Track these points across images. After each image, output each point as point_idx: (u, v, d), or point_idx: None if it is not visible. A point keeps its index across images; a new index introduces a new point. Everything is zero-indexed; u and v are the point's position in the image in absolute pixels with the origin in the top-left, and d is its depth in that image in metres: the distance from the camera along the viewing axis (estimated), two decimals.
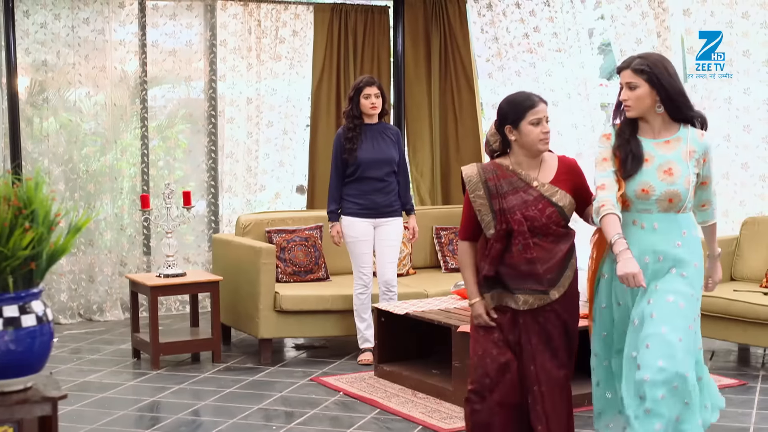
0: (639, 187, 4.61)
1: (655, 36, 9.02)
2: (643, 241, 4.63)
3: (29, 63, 9.31)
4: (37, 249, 3.59)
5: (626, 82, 4.64)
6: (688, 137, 4.69)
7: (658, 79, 4.60)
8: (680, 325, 4.50)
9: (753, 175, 8.72)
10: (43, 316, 3.61)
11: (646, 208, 4.63)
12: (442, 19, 10.38)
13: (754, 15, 8.56)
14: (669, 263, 4.61)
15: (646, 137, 4.70)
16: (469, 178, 4.82)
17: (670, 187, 4.59)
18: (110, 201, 9.66)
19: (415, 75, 10.48)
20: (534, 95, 4.79)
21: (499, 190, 4.76)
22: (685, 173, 4.62)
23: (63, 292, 9.44)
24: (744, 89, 8.68)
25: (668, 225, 4.63)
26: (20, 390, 3.66)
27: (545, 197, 4.74)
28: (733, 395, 6.72)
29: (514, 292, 4.74)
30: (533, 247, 4.71)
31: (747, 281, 7.91)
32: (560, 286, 4.77)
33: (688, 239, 4.66)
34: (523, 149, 4.77)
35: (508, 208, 4.74)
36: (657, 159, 4.64)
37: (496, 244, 4.73)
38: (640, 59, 4.66)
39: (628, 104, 4.64)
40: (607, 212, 4.52)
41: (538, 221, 4.72)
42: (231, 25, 9.89)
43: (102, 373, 7.53)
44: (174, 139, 10.08)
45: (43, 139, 9.40)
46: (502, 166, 4.82)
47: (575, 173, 4.87)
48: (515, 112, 4.73)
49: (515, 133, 4.74)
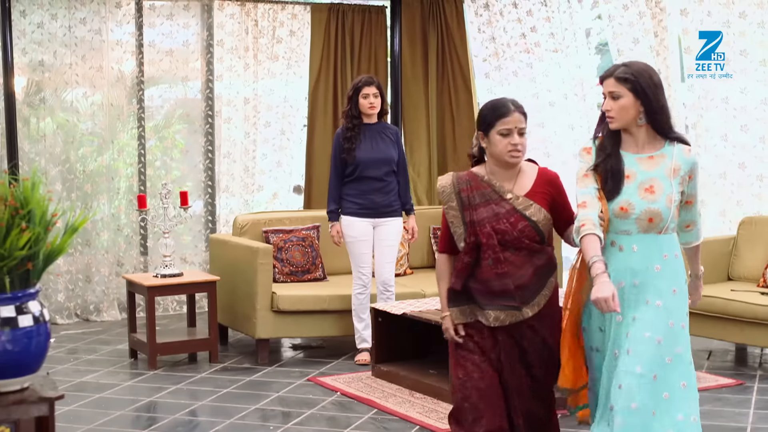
0: (618, 205, 4.29)
1: (653, 36, 9.03)
2: (620, 264, 4.31)
3: (26, 63, 9.30)
4: (34, 249, 3.59)
5: (609, 91, 4.34)
6: (674, 153, 4.36)
7: (643, 89, 4.30)
8: (656, 362, 4.20)
9: (750, 174, 8.73)
10: (39, 317, 3.60)
11: (625, 228, 4.31)
12: (439, 19, 10.38)
13: (751, 15, 8.57)
14: (645, 291, 4.29)
15: (629, 151, 4.38)
16: (443, 188, 4.61)
17: (650, 206, 4.27)
18: (107, 201, 9.65)
19: (412, 75, 10.47)
20: (511, 103, 4.49)
21: (471, 202, 4.53)
22: (667, 191, 4.29)
23: (60, 292, 9.43)
24: (741, 89, 8.69)
25: (648, 247, 4.31)
26: (17, 390, 3.65)
27: (518, 211, 4.48)
28: (730, 395, 6.72)
29: (484, 307, 4.49)
30: (504, 262, 4.45)
31: (744, 281, 7.91)
32: (534, 305, 4.49)
33: (669, 263, 4.33)
34: (494, 159, 4.51)
35: (478, 221, 4.50)
36: (639, 175, 4.32)
37: (465, 257, 4.51)
38: (624, 67, 4.36)
39: (611, 115, 4.34)
40: (587, 232, 4.23)
41: (510, 235, 4.46)
42: (228, 25, 9.89)
43: (99, 374, 7.53)
44: (171, 139, 10.08)
45: (39, 139, 9.39)
46: (477, 176, 4.57)
47: (554, 188, 4.57)
48: (486, 118, 4.49)
49: (486, 141, 4.51)
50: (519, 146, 4.44)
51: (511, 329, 4.50)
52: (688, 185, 4.38)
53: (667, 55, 9.00)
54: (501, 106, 4.47)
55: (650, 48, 9.02)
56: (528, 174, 4.57)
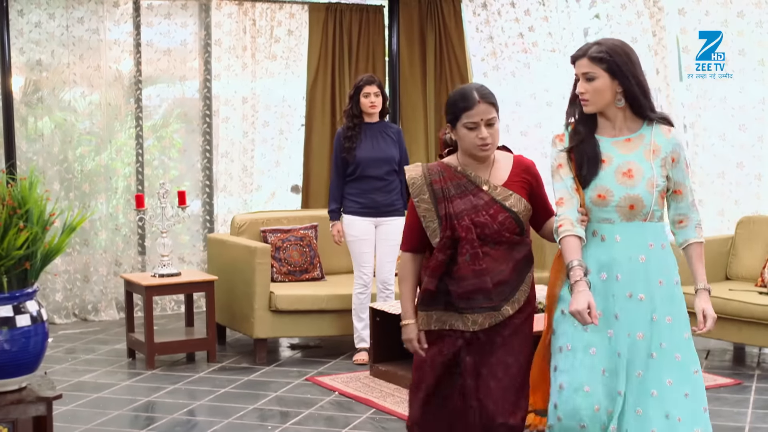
0: (595, 192, 4.00)
1: (651, 35, 9.02)
2: (601, 255, 4.02)
3: (23, 62, 9.30)
4: (32, 249, 3.59)
5: (583, 72, 4.02)
6: (652, 133, 4.06)
7: (620, 68, 4.00)
8: (640, 359, 4.02)
9: (748, 174, 8.73)
10: (37, 316, 3.60)
11: (606, 217, 4.01)
12: (437, 19, 10.38)
13: (749, 14, 8.57)
14: (628, 283, 4.01)
15: (605, 135, 4.08)
16: (413, 180, 4.28)
17: (630, 191, 3.97)
18: (105, 201, 9.64)
19: (410, 74, 10.47)
20: (477, 92, 4.18)
21: (446, 194, 4.22)
22: (647, 174, 3.98)
23: (58, 291, 9.42)
24: (739, 88, 8.69)
25: (632, 236, 4.01)
26: (15, 390, 3.65)
27: (497, 201, 4.19)
28: (728, 394, 6.72)
29: (461, 311, 4.18)
30: (483, 258, 4.15)
31: (742, 280, 7.91)
32: (515, 301, 4.21)
33: (655, 253, 4.04)
34: (463, 150, 4.24)
35: (455, 213, 4.19)
36: (615, 159, 4.02)
37: (439, 255, 4.18)
38: (597, 46, 4.04)
39: (585, 98, 4.03)
40: (566, 234, 3.98)
41: (489, 228, 4.17)
42: (226, 24, 9.88)
43: (97, 373, 7.52)
44: (169, 139, 10.07)
45: (37, 139, 9.38)
46: (449, 166, 4.28)
47: (532, 176, 4.29)
48: (452, 111, 4.21)
49: (454, 133, 4.24)
50: (488, 139, 4.14)
51: (491, 334, 4.22)
52: (673, 170, 4.06)
53: (665, 55, 9.00)
54: (465, 98, 4.16)
55: (648, 47, 9.01)
56: (503, 163, 4.31)
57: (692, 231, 4.15)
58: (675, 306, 4.07)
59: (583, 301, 3.82)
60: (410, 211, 4.31)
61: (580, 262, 3.92)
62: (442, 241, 4.19)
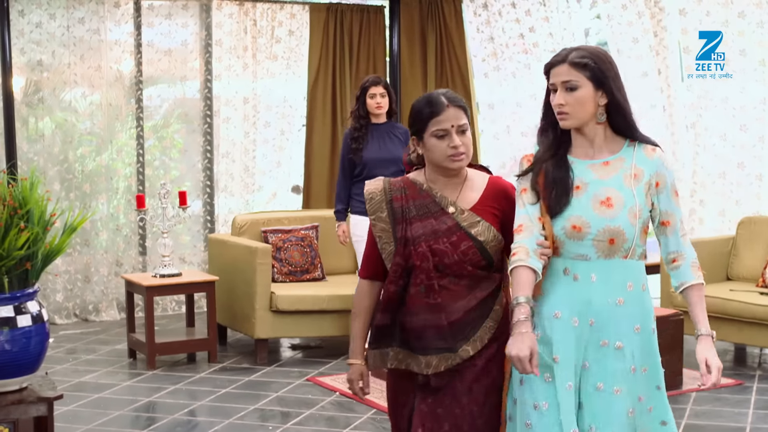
0: (569, 223, 3.42)
1: (652, 35, 9.02)
2: (574, 298, 3.44)
3: (24, 63, 9.30)
4: (33, 249, 3.58)
5: (562, 81, 3.43)
6: (634, 155, 3.47)
7: (605, 76, 3.43)
8: (616, 418, 3.44)
9: (749, 174, 8.73)
10: (38, 317, 3.60)
11: (580, 252, 3.43)
12: (437, 19, 10.38)
13: (750, 14, 8.57)
14: (603, 330, 3.43)
15: (580, 157, 3.51)
16: (371, 195, 3.77)
17: (609, 223, 3.39)
18: (106, 201, 9.64)
19: (411, 75, 10.48)
20: (444, 97, 3.66)
21: (405, 214, 3.70)
22: (628, 203, 3.41)
23: (58, 292, 9.42)
24: (740, 89, 8.69)
25: (610, 276, 3.43)
26: (16, 390, 3.65)
27: (462, 228, 3.65)
28: (729, 395, 6.72)
29: (416, 351, 3.66)
30: (439, 291, 3.61)
31: (743, 281, 7.91)
32: (476, 340, 3.63)
33: (634, 296, 3.46)
34: (434, 165, 3.70)
35: (412, 238, 3.66)
36: (591, 186, 3.44)
37: (390, 286, 3.66)
38: (578, 51, 3.47)
39: (565, 110, 3.43)
40: (518, 264, 3.41)
41: (449, 258, 3.63)
42: (226, 24, 9.89)
43: (98, 374, 7.52)
44: (169, 139, 10.07)
45: (38, 139, 9.38)
46: (414, 183, 3.75)
47: (508, 202, 3.68)
48: (417, 119, 3.68)
49: (421, 146, 3.70)
50: (461, 148, 3.63)
51: (450, 376, 3.66)
52: (658, 197, 3.47)
53: (666, 55, 9.00)
54: (432, 103, 3.65)
55: (650, 48, 9.01)
56: (476, 183, 3.77)
57: (689, 271, 3.51)
58: (651, 356, 3.51)
59: (524, 346, 3.27)
60: (369, 231, 3.81)
61: (527, 298, 3.36)
62: (395, 269, 3.67)
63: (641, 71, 9.06)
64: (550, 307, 3.48)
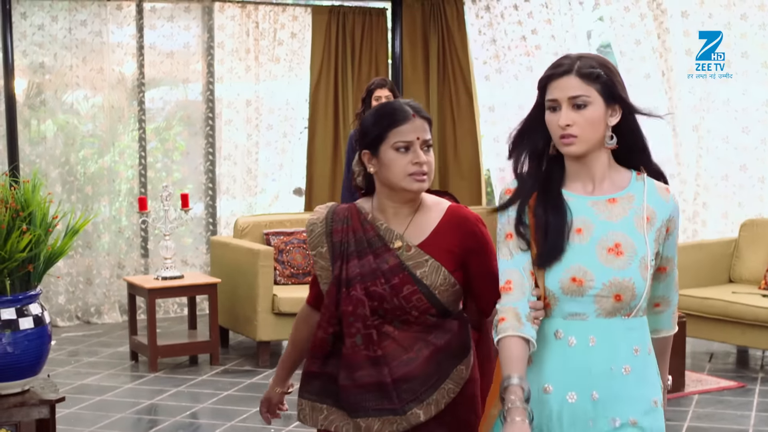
0: (567, 275, 2.76)
1: (655, 37, 9.01)
2: (569, 367, 2.78)
3: (26, 65, 9.30)
4: (35, 251, 3.58)
5: (570, 96, 2.79)
6: (645, 192, 2.84)
7: (617, 90, 2.82)
8: None
9: (752, 176, 8.72)
10: (40, 319, 3.60)
11: (577, 311, 2.77)
12: (440, 21, 10.37)
13: (752, 17, 8.56)
14: (610, 406, 2.76)
15: (578, 192, 2.85)
16: (311, 227, 3.21)
17: (618, 275, 2.75)
18: (108, 203, 9.64)
19: (413, 77, 10.47)
20: (408, 106, 3.11)
21: (344, 249, 3.12)
22: (640, 252, 2.77)
23: (60, 294, 9.42)
24: (743, 91, 8.68)
25: (612, 338, 2.78)
26: (18, 393, 3.65)
27: (405, 268, 3.06)
28: (731, 397, 6.71)
29: (353, 413, 3.07)
30: (379, 341, 3.05)
31: (746, 283, 7.90)
32: (430, 404, 3.04)
33: (641, 361, 2.82)
34: (386, 188, 3.11)
35: (346, 279, 3.09)
36: (597, 229, 2.80)
37: (319, 331, 3.13)
38: (585, 60, 2.85)
39: (573, 133, 2.77)
40: (508, 333, 2.72)
41: (389, 303, 3.05)
42: (229, 27, 9.89)
43: (100, 376, 7.52)
44: (172, 142, 10.07)
45: (40, 142, 9.39)
46: (360, 212, 3.16)
47: (471, 238, 3.09)
48: (373, 129, 3.10)
49: (374, 162, 3.10)
50: (425, 166, 3.05)
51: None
52: (666, 243, 2.88)
53: (668, 57, 8.99)
54: (394, 111, 3.10)
55: (653, 50, 9.00)
56: (431, 213, 3.15)
57: (669, 320, 3.06)
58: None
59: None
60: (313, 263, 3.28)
61: (521, 379, 2.67)
62: (325, 313, 3.13)
63: (644, 73, 9.05)
64: (538, 381, 2.81)
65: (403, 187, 3.06)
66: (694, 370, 7.28)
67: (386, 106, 3.16)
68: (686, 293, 7.55)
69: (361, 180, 3.23)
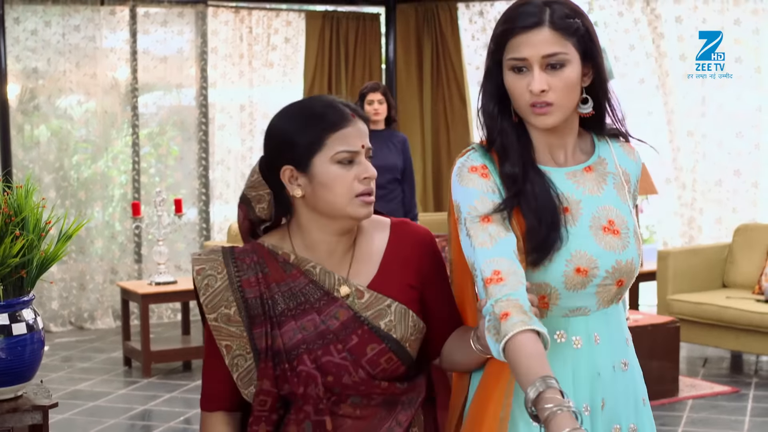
0: (570, 266, 2.26)
1: (650, 42, 9.03)
2: (579, 373, 2.31)
3: (20, 70, 9.29)
4: (28, 257, 3.57)
5: (545, 54, 2.21)
6: (613, 153, 2.40)
7: (594, 44, 2.28)
8: None
9: (745, 181, 8.74)
10: (33, 324, 3.59)
11: (578, 305, 2.31)
12: (433, 27, 10.37)
13: (746, 21, 8.58)
14: (614, 413, 2.34)
15: (548, 164, 2.35)
16: (205, 279, 2.32)
17: (620, 258, 2.30)
18: (101, 208, 9.63)
19: (407, 82, 10.47)
20: (342, 104, 2.42)
21: (268, 309, 2.29)
22: (632, 224, 2.34)
23: (54, 300, 9.40)
24: (736, 96, 8.70)
25: (611, 330, 2.36)
26: (11, 398, 3.63)
27: (363, 321, 2.30)
28: (725, 402, 6.71)
29: None
30: (336, 427, 2.32)
31: (740, 288, 7.89)
32: None
33: (632, 350, 2.43)
34: (319, 215, 2.32)
35: (285, 349, 2.29)
36: (584, 205, 2.32)
37: (257, 428, 2.33)
38: (558, 5, 2.24)
39: (549, 100, 2.23)
40: (520, 329, 2.04)
41: (351, 376, 2.29)
42: (222, 32, 9.88)
43: (93, 382, 7.51)
44: (165, 147, 10.06)
45: (33, 147, 9.37)
46: (272, 253, 2.34)
47: (427, 262, 2.40)
48: (304, 136, 2.30)
49: (302, 181, 2.30)
50: (373, 183, 2.34)
51: None
52: None
53: (663, 62, 9.00)
54: (328, 110, 2.36)
55: (647, 55, 9.02)
56: (373, 239, 2.41)
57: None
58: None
59: None
60: (206, 339, 2.39)
61: (556, 384, 1.98)
62: (260, 400, 2.31)
63: (638, 78, 9.06)
64: None
65: (348, 213, 2.28)
66: (688, 375, 7.28)
67: (311, 105, 2.37)
68: (680, 298, 7.56)
69: (265, 209, 2.36)
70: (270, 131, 2.36)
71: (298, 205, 2.33)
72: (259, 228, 2.43)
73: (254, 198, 2.37)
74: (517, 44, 2.23)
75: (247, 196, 2.38)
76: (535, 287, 2.25)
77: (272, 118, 2.38)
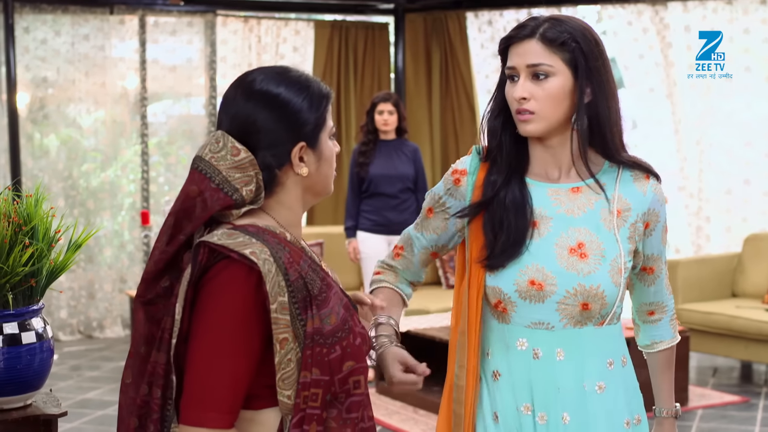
0: (524, 277, 2.36)
1: (658, 51, 9.02)
2: (537, 382, 2.41)
3: (29, 79, 9.31)
4: (37, 266, 3.57)
5: (529, 64, 2.35)
6: (617, 182, 2.42)
7: (587, 63, 2.33)
8: None
9: (756, 191, 8.72)
10: (42, 333, 3.59)
11: (541, 319, 2.38)
12: (442, 36, 10.38)
13: (755, 31, 8.58)
14: (581, 430, 2.39)
15: (538, 179, 2.43)
16: (263, 262, 2.00)
17: (584, 282, 2.35)
18: (110, 217, 9.64)
19: (416, 91, 10.48)
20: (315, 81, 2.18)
21: (311, 288, 2.06)
22: (610, 254, 2.37)
23: (63, 308, 9.41)
24: (746, 105, 8.69)
25: (582, 351, 2.39)
26: (20, 407, 3.63)
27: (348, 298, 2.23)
28: (735, 412, 6.69)
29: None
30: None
31: (749, 298, 7.89)
32: None
33: (616, 376, 2.44)
34: (310, 194, 2.20)
35: (335, 330, 2.07)
36: (555, 223, 2.39)
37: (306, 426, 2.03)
38: (553, 22, 2.36)
39: (530, 108, 2.34)
40: (382, 285, 2.58)
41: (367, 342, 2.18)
42: (231, 41, 9.90)
43: (102, 390, 7.51)
44: (174, 156, 10.07)
45: (43, 156, 9.39)
46: (273, 231, 2.11)
47: None
48: (312, 112, 2.13)
49: (310, 158, 2.14)
50: None
51: None
52: (646, 241, 2.46)
53: (672, 72, 8.99)
54: (320, 86, 2.18)
55: (656, 64, 9.01)
56: None
57: (667, 328, 2.62)
58: None
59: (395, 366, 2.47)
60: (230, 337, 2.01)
61: (388, 318, 2.51)
62: (308, 395, 2.04)
63: (648, 87, 9.05)
64: (513, 399, 2.44)
65: (328, 190, 2.23)
66: (697, 385, 7.26)
67: (305, 77, 2.17)
68: (690, 308, 7.54)
69: (252, 191, 2.09)
70: (274, 102, 2.10)
71: (291, 183, 2.14)
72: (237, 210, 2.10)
73: (239, 180, 2.07)
74: (511, 54, 2.42)
75: (229, 179, 2.07)
76: (489, 290, 2.41)
77: (265, 84, 2.13)
